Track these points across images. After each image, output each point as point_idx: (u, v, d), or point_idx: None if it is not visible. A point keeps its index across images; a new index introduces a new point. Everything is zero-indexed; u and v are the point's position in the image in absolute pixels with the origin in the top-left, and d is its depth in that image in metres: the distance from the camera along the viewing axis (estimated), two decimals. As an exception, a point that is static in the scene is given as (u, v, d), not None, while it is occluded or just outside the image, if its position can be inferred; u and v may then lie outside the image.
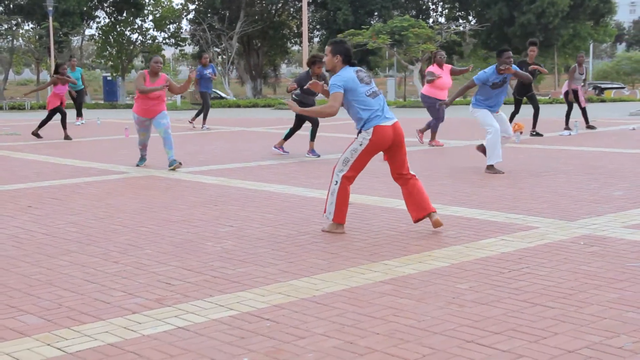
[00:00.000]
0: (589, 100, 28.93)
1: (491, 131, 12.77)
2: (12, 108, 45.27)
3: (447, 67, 18.31)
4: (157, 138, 15.08)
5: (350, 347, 4.69)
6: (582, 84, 22.41)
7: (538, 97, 24.04)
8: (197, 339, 4.92)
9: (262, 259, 7.24)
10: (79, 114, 29.21)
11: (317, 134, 16.90)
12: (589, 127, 22.00)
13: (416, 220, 8.29)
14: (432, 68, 18.19)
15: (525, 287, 6.03)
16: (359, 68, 8.34)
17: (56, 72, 23.41)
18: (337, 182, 8.23)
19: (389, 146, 8.19)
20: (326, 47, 8.58)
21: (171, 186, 12.99)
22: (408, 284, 6.21)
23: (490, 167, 12.76)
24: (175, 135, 15.23)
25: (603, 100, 44.12)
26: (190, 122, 26.39)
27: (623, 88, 63.12)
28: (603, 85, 62.85)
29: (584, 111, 22.02)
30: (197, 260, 7.24)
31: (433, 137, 18.18)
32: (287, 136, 17.01)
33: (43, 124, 22.85)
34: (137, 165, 15.05)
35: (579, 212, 9.36)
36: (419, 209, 8.29)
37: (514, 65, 13.07)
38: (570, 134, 20.55)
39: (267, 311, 5.49)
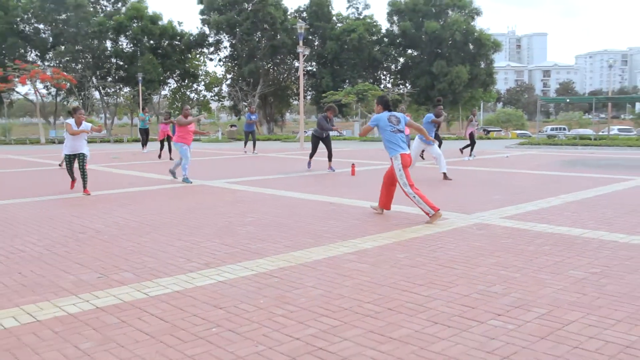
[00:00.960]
0: (480, 137, 29.94)
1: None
2: (116, 141, 45.86)
3: (409, 115, 18.75)
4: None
5: (328, 294, 5.20)
6: (476, 127, 23.58)
7: (447, 137, 25.34)
8: (231, 289, 5.39)
9: (273, 238, 7.61)
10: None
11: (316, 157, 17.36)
12: (471, 155, 22.53)
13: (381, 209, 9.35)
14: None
15: (439, 256, 6.57)
16: (392, 113, 8.96)
17: (167, 118, 24.65)
18: (413, 194, 8.65)
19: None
20: (376, 99, 9.44)
21: (215, 192, 13.21)
22: (366, 254, 6.67)
23: (444, 175, 14.01)
24: (220, 158, 15.35)
25: (489, 138, 49.38)
26: (253, 151, 26.41)
27: (500, 131, 68.40)
28: (489, 129, 68.81)
29: (473, 145, 22.71)
30: (231, 239, 7.61)
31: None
32: (311, 155, 17.46)
33: (161, 148, 23.97)
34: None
35: (473, 208, 9.88)
36: (384, 203, 9.28)
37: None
38: (468, 159, 21.17)
39: (275, 272, 5.95)
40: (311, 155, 17.57)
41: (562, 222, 8.53)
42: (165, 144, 23.37)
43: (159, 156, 23.69)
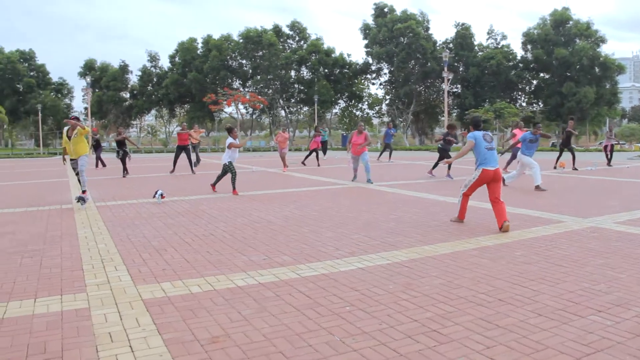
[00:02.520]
0: (615, 150, 27.23)
1: (534, 167, 12.74)
2: (296, 150, 47.80)
3: (524, 130, 17.67)
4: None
5: (449, 284, 5.02)
6: (615, 141, 22.19)
7: (576, 149, 23.32)
8: (368, 275, 5.35)
9: (407, 233, 7.43)
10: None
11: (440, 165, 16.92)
12: (609, 164, 20.66)
13: (500, 227, 7.94)
14: (515, 130, 17.65)
15: (552, 255, 6.09)
16: (485, 132, 8.44)
17: (317, 131, 24.99)
18: (460, 195, 8.40)
19: (489, 182, 8.14)
20: (471, 121, 8.94)
21: (368, 193, 13.22)
22: (487, 250, 6.36)
23: (537, 187, 12.50)
24: (375, 165, 15.34)
25: (614, 151, 42.91)
26: (388, 160, 25.99)
27: (624, 144, 62.02)
28: (613, 142, 61.48)
29: (611, 155, 20.91)
30: (374, 232, 7.53)
31: (505, 167, 17.76)
32: (434, 166, 17.02)
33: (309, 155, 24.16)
34: (352, 180, 15.10)
35: (589, 213, 9.01)
36: (499, 219, 8.26)
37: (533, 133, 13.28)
38: (592, 169, 19.36)
39: (406, 262, 5.83)
40: (435, 165, 17.02)
41: (675, 230, 7.63)
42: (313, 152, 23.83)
43: (303, 163, 23.56)
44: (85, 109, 48.85)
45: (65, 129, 11.19)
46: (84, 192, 11.11)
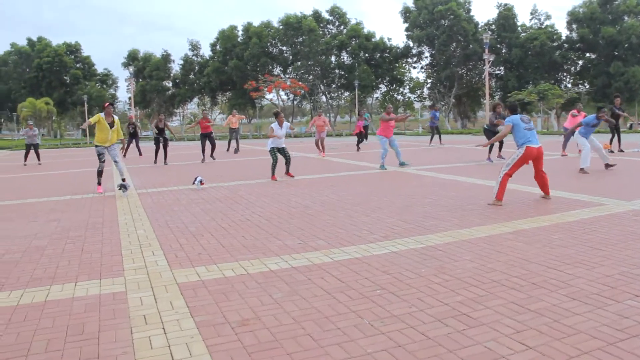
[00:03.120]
0: None
1: (585, 148, 12.34)
2: (337, 135, 47.29)
3: (582, 113, 17.12)
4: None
5: (482, 267, 4.95)
6: None
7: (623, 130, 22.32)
8: (401, 259, 5.33)
9: (444, 217, 7.33)
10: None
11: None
12: None
13: (542, 194, 8.75)
14: (575, 111, 17.20)
15: (591, 238, 5.92)
16: (522, 115, 8.62)
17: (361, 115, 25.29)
18: (500, 175, 8.34)
19: (534, 159, 8.42)
20: (507, 107, 9.26)
21: (405, 177, 13.11)
22: (523, 234, 6.22)
23: (582, 169, 12.12)
24: (416, 149, 14.91)
25: None
26: (439, 143, 25.17)
27: None
28: None
29: None
30: (409, 216, 7.45)
31: (563, 150, 17.26)
32: (490, 150, 16.61)
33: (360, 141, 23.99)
34: (381, 168, 14.47)
35: (634, 196, 8.66)
36: (543, 189, 8.58)
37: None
38: (637, 151, 18.60)
39: (440, 246, 5.77)
40: (490, 149, 16.72)
41: None
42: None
43: (358, 148, 23.26)
44: (130, 98, 49.84)
45: (102, 114, 11.11)
46: (124, 179, 11.32)
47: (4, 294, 4.66)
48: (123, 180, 11.23)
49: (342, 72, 67.66)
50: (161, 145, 18.80)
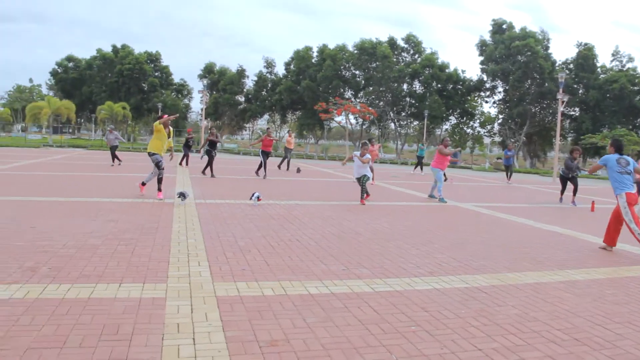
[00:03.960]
0: None
1: None
2: (402, 164, 47.08)
3: None
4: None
5: (524, 315, 4.78)
6: None
7: None
8: (442, 297, 5.22)
9: (495, 258, 7.12)
10: None
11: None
12: None
13: (605, 244, 8.40)
14: None
15: (649, 299, 5.62)
16: (620, 156, 8.35)
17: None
18: (636, 230, 7.91)
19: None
20: (610, 141, 8.88)
21: (462, 212, 12.86)
22: (574, 285, 5.97)
23: None
24: (480, 185, 14.55)
25: None
26: (507, 181, 24.89)
27: None
28: None
29: None
30: (460, 254, 7.29)
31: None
32: (561, 192, 16.18)
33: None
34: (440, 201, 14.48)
35: None
36: (610, 240, 8.31)
37: None
38: None
39: (486, 288, 5.60)
40: (562, 192, 16.26)
41: None
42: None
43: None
44: (202, 109, 51.35)
45: (161, 123, 11.72)
46: (144, 184, 12.32)
47: (54, 286, 4.87)
48: (142, 184, 12.26)
49: (413, 101, 67.48)
50: (212, 157, 19.06)
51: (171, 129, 12.05)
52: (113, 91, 73.39)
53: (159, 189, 11.76)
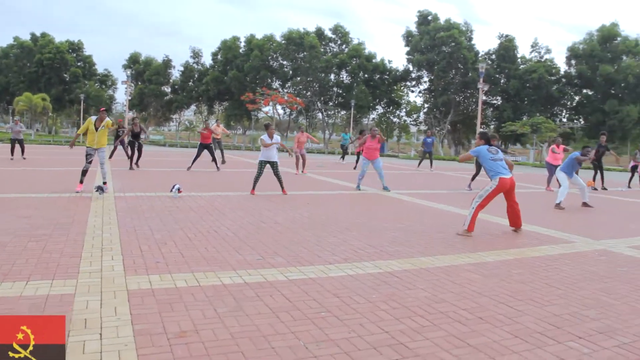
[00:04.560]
0: None
1: (563, 184, 12.68)
2: (329, 153, 47.32)
3: (561, 147, 17.33)
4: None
5: (433, 297, 4.97)
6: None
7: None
8: (354, 282, 5.33)
9: (411, 244, 7.34)
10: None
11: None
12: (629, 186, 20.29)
13: (513, 228, 8.82)
14: (553, 146, 17.44)
15: (550, 275, 5.97)
16: (489, 146, 8.74)
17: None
18: (473, 207, 8.38)
19: (506, 191, 8.49)
20: (478, 134, 9.37)
21: (384, 200, 13.14)
22: (484, 267, 6.24)
23: (557, 205, 12.24)
24: (404, 173, 14.86)
25: None
26: (430, 169, 25.68)
27: None
28: None
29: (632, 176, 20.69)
30: (376, 240, 7.46)
31: (547, 185, 17.48)
32: (473, 178, 16.75)
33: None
34: (358, 189, 14.55)
35: (604, 235, 8.81)
36: (513, 222, 8.70)
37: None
38: (622, 190, 18.90)
39: (398, 272, 5.78)
40: (473, 177, 16.87)
41: (688, 259, 7.38)
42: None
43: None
44: (127, 100, 49.89)
45: (93, 119, 11.54)
46: (105, 183, 11.47)
47: (-48, 288, 4.65)
48: (104, 183, 11.46)
49: (340, 91, 68.09)
50: (136, 149, 18.82)
51: (109, 120, 11.68)
52: (32, 82, 70.09)
53: (81, 181, 11.46)
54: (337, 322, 4.17)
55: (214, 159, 19.77)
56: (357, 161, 23.96)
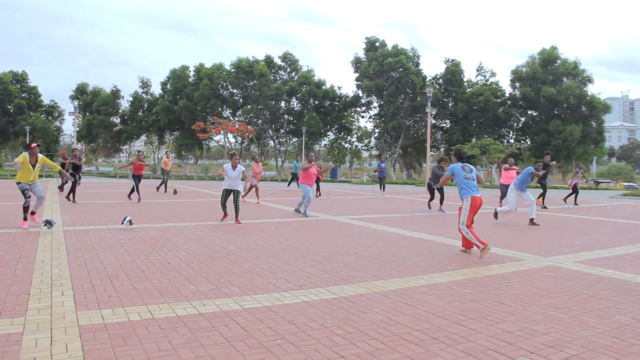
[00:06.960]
0: (589, 188, 28.06)
1: (509, 203, 13.75)
2: (282, 180, 47.36)
3: (515, 168, 17.95)
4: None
5: (387, 320, 5.04)
6: (583, 180, 22.45)
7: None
8: (309, 309, 5.36)
9: (363, 268, 7.44)
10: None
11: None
12: (575, 204, 21.23)
13: (464, 248, 9.08)
14: (506, 165, 18.10)
15: (501, 293, 6.15)
16: (464, 164, 9.11)
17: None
18: (466, 232, 8.63)
19: (477, 209, 8.86)
20: (453, 152, 9.66)
21: (336, 226, 13.22)
22: (437, 288, 6.38)
23: (495, 214, 13.64)
24: (357, 198, 14.98)
25: (597, 189, 44.29)
26: (382, 192, 26.29)
27: (610, 182, 65.10)
28: (599, 180, 65.39)
29: (576, 194, 21.52)
30: (330, 266, 7.52)
31: (500, 202, 18.02)
32: (429, 200, 17.16)
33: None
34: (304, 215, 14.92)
35: (552, 251, 9.15)
36: (465, 243, 9.03)
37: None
38: (568, 207, 19.80)
39: (352, 297, 5.84)
40: (430, 200, 17.28)
41: (629, 269, 7.70)
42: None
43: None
44: (75, 132, 48.82)
45: (27, 154, 11.11)
46: (33, 214, 11.54)
47: None
48: (32, 214, 11.47)
49: (291, 118, 68.45)
50: (75, 182, 17.97)
51: (40, 157, 11.27)
52: (-26, 114, 68.02)
53: (24, 218, 11.09)
54: (293, 349, 4.20)
55: (137, 190, 18.98)
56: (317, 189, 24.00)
